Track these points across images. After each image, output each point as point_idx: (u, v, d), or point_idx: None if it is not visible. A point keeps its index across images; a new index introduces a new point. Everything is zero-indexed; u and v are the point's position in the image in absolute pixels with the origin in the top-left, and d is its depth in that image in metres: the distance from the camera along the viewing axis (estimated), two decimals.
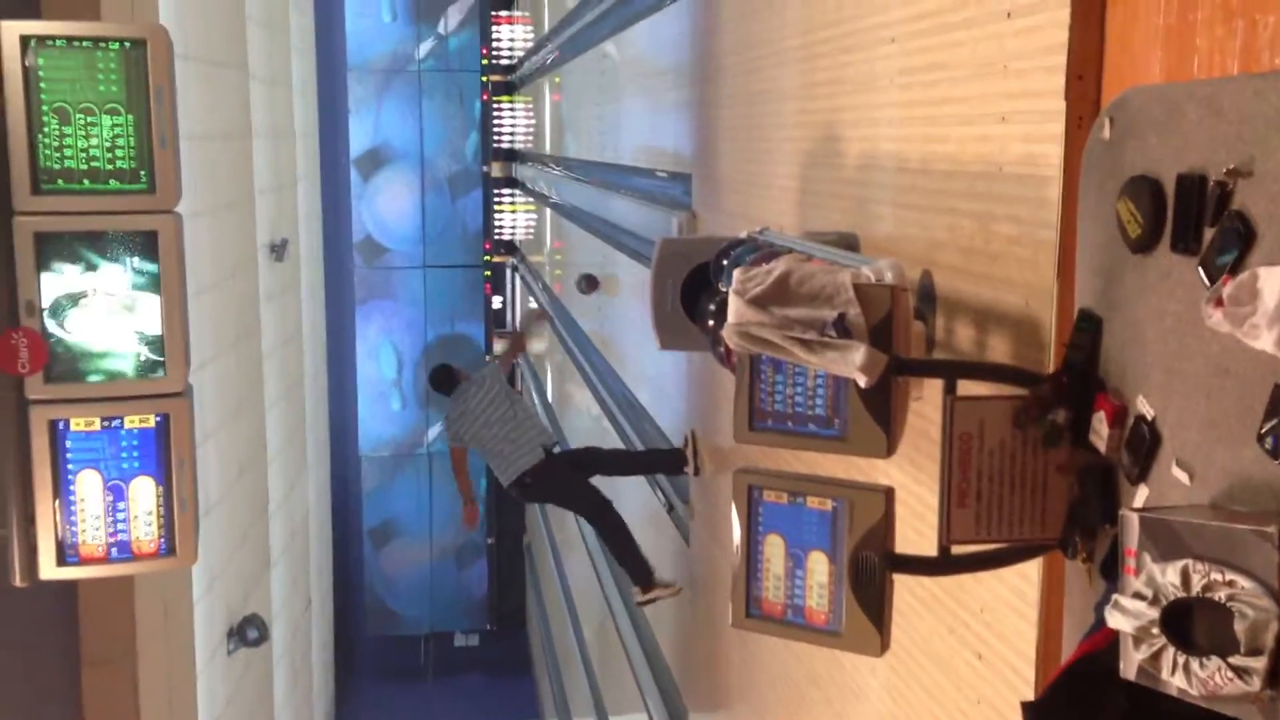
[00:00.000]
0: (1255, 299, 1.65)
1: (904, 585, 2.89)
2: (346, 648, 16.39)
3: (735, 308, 2.15)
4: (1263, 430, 1.69)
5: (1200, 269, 1.79)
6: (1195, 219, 1.80)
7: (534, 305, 13.93)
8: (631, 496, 8.41)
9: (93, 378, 4.32)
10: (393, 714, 15.46)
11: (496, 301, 17.78)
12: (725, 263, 3.69)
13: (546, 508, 14.54)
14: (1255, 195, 1.63)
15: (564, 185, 12.48)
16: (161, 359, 4.35)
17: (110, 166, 4.23)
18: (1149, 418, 1.96)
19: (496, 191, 17.39)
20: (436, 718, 15.31)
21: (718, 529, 5.71)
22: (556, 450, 7.03)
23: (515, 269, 17.33)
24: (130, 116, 4.21)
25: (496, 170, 17.38)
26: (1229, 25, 1.97)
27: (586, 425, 10.41)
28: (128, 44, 4.18)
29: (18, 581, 4.30)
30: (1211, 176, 1.70)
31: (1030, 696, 2.69)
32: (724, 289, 3.78)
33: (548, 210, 14.03)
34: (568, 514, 12.38)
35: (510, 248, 17.59)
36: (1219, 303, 1.69)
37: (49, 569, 4.31)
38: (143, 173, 4.24)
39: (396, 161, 17.37)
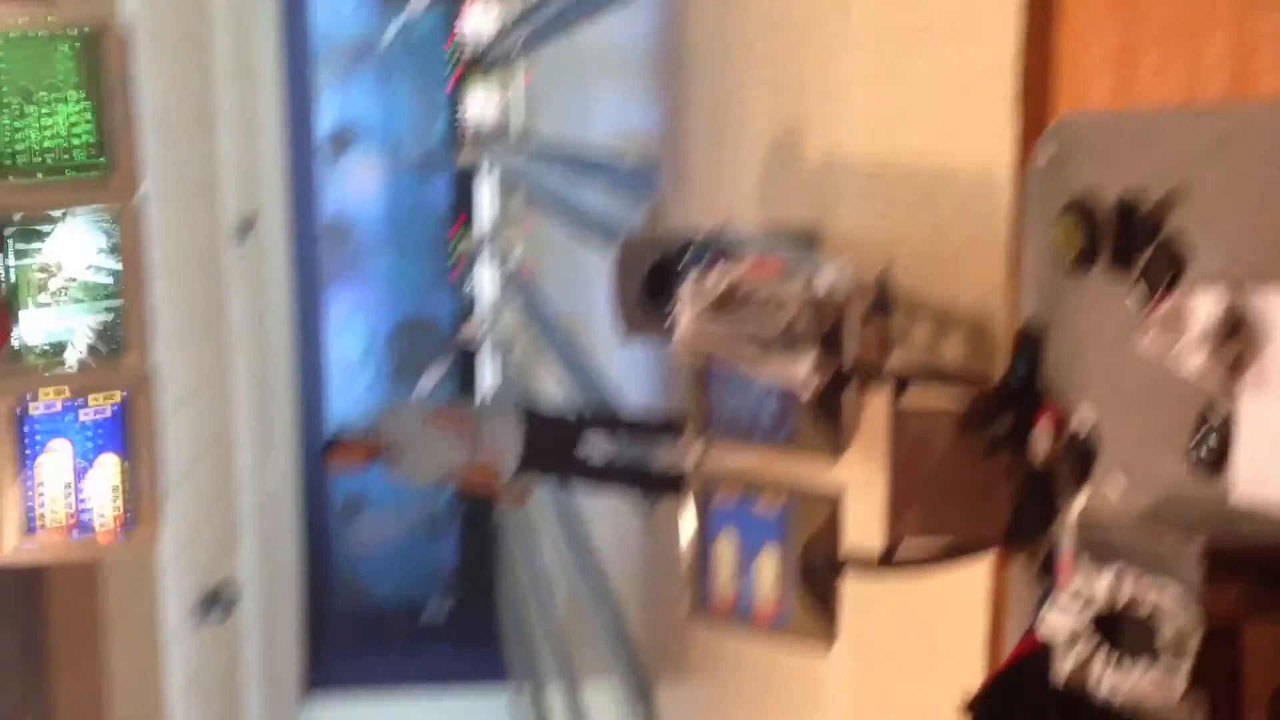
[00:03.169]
0: (1182, 326, 1.71)
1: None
2: (316, 619, 16.40)
3: (684, 319, 2.20)
4: (1190, 446, 1.76)
5: (1133, 292, 1.85)
6: (1129, 244, 1.85)
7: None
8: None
9: (55, 358, 4.32)
10: (363, 684, 15.51)
11: (465, 283, 17.77)
12: (685, 260, 3.73)
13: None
14: (1186, 222, 1.69)
15: (533, 168, 12.49)
16: (123, 341, 4.36)
17: (68, 153, 4.23)
18: (1088, 427, 2.02)
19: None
20: (407, 687, 15.37)
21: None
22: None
23: (483, 246, 17.32)
24: (90, 102, 4.21)
25: (465, 154, 17.33)
26: (1174, 49, 2.03)
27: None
28: (87, 29, 4.18)
29: None
30: (1145, 203, 1.76)
31: (978, 681, 2.77)
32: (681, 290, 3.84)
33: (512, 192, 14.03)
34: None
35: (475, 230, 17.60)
36: (1150, 328, 1.75)
37: (11, 549, 4.32)
38: (102, 158, 4.24)
39: (364, 142, 17.31)
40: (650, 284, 4.40)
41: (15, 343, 4.30)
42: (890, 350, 3.08)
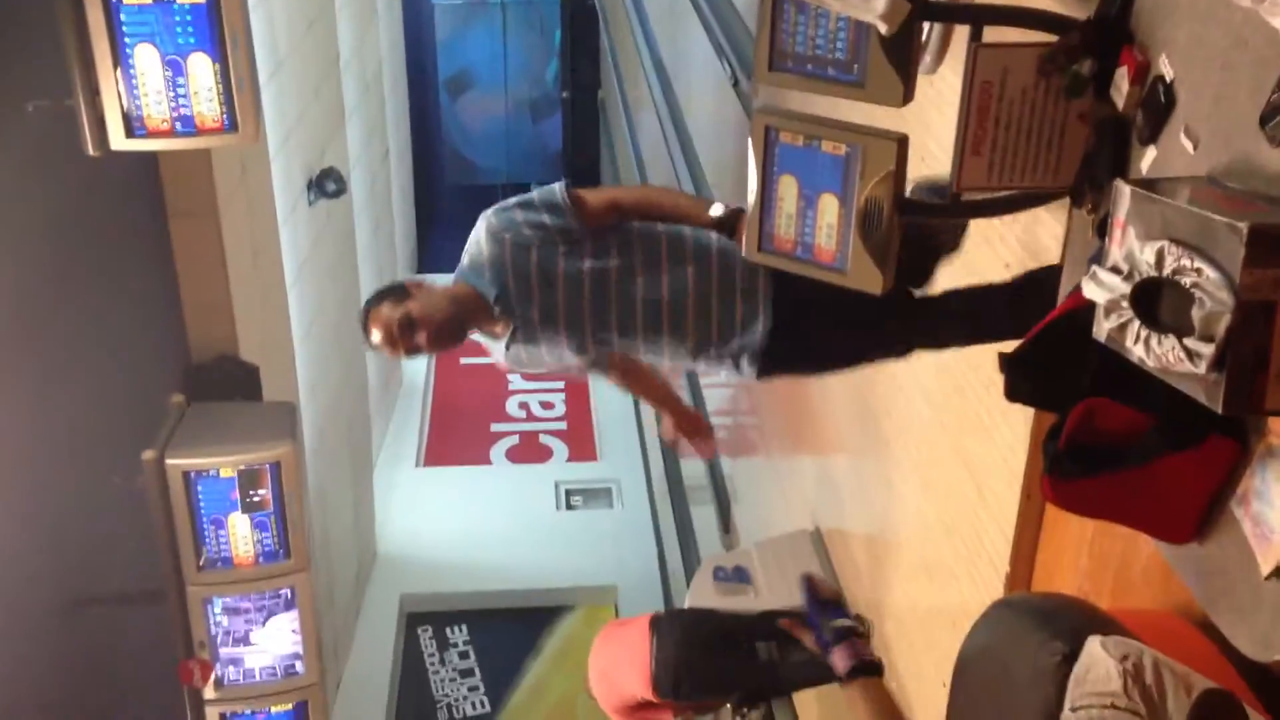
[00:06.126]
0: None
1: None
2: (426, 196, 16.87)
3: None
4: (1264, 111, 1.68)
5: None
6: None
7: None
8: (700, 70, 8.32)
9: None
10: None
11: None
12: None
13: (616, 72, 14.25)
14: None
15: None
16: None
17: None
18: (1168, 79, 1.93)
19: None
20: None
21: None
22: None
23: None
24: None
25: None
26: None
27: None
28: None
29: (90, 151, 4.48)
30: None
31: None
32: None
33: None
34: (638, 70, 12.19)
35: None
36: None
37: (118, 140, 4.47)
38: None
39: None
40: None
41: None
42: None
